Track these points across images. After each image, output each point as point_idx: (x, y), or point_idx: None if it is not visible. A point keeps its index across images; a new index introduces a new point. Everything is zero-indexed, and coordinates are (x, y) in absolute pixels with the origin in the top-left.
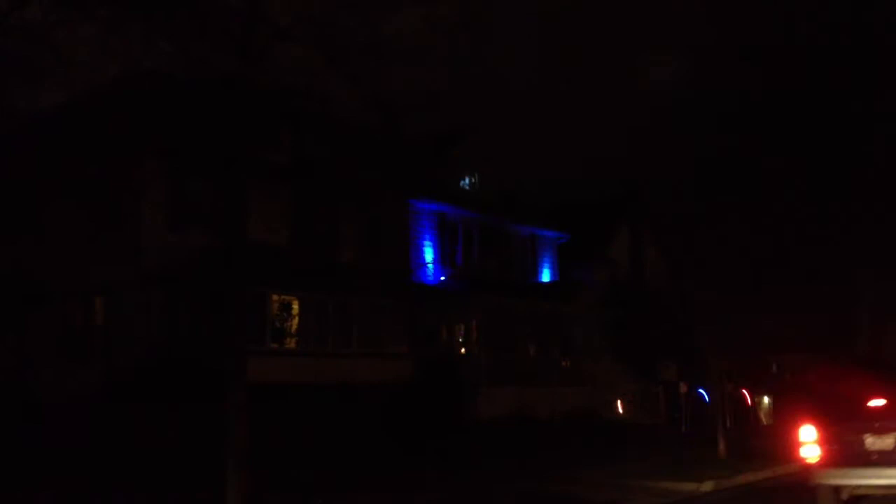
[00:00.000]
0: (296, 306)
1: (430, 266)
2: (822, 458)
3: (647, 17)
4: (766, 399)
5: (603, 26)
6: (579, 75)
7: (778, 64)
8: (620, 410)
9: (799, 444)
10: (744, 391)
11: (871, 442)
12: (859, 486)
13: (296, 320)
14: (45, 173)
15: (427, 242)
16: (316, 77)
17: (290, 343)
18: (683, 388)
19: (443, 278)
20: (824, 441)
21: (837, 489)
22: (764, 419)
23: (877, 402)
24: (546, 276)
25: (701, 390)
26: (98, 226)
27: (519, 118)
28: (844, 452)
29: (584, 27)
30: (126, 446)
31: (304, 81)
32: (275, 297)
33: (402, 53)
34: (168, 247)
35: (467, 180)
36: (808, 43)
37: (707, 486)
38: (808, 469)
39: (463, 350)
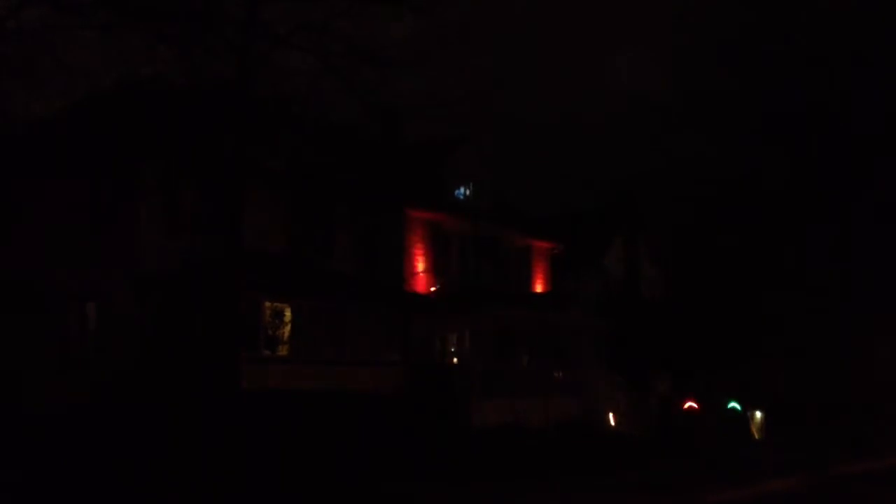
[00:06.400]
0: (289, 313)
1: (424, 275)
2: None
3: (645, 28)
4: (758, 413)
5: (601, 38)
6: (574, 86)
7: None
8: (613, 423)
9: None
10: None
11: None
12: None
13: (289, 327)
14: (42, 178)
15: (421, 252)
16: (313, 84)
17: (283, 350)
18: (676, 400)
19: (436, 288)
20: None
21: None
22: (756, 434)
23: None
24: (540, 287)
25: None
26: (93, 231)
27: (514, 129)
28: None
29: (584, 39)
30: (117, 451)
31: (302, 88)
32: (268, 305)
33: (398, 62)
34: (163, 253)
35: (462, 190)
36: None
37: None
38: None
39: (456, 360)
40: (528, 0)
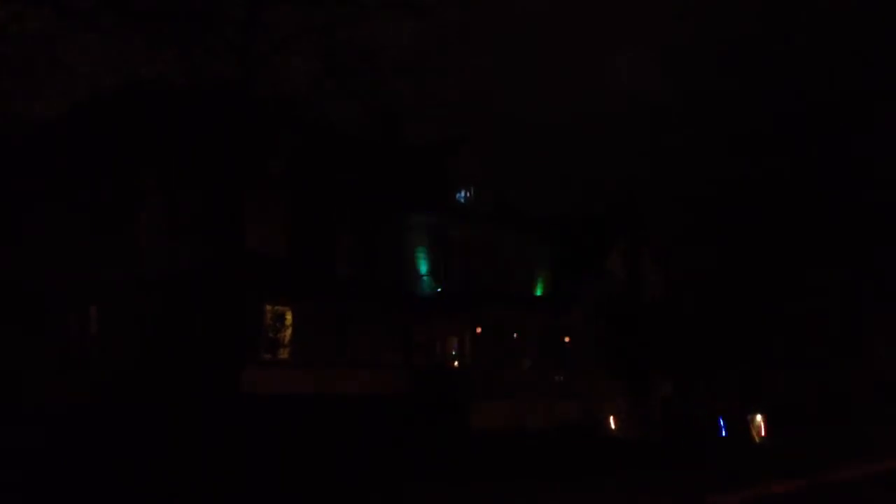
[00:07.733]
0: (290, 317)
1: (426, 278)
2: None
3: (645, 28)
4: (758, 416)
5: (601, 38)
6: (574, 86)
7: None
8: (613, 426)
9: None
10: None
11: None
12: None
13: (290, 331)
14: (44, 182)
15: (423, 255)
16: (314, 85)
17: (284, 353)
18: (678, 404)
19: (438, 290)
20: None
21: None
22: (756, 436)
23: None
24: (541, 290)
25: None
26: (94, 233)
27: (514, 129)
28: None
29: (584, 38)
30: (117, 451)
31: (302, 89)
32: (269, 308)
33: (398, 63)
34: (165, 256)
35: (463, 194)
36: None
37: None
38: None
39: (457, 363)
40: (528, 0)
